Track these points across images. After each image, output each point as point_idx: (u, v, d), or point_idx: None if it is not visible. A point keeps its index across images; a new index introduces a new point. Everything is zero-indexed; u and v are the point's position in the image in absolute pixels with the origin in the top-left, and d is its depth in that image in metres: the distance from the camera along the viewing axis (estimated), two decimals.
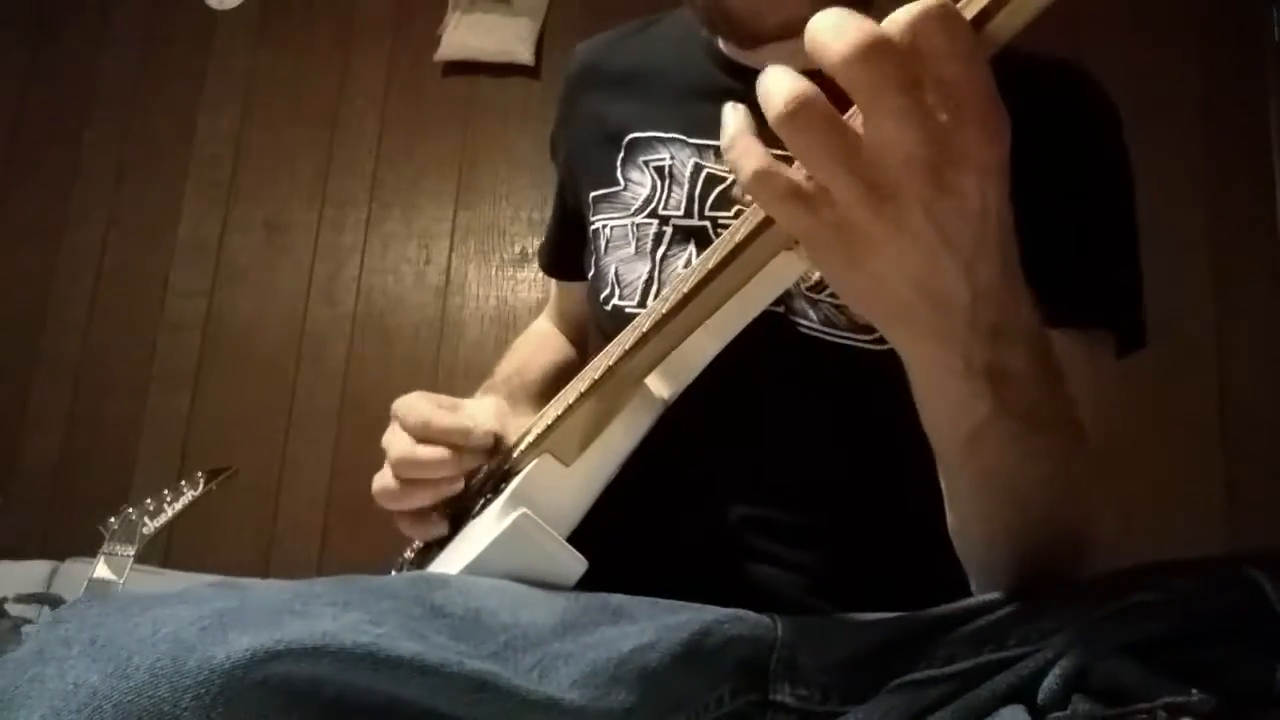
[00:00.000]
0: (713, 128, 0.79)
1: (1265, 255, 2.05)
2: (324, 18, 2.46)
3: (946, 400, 0.47)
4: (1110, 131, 0.75)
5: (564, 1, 2.37)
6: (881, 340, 0.67)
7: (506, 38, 2.34)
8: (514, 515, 0.57)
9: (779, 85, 0.38)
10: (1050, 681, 0.38)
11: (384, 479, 0.70)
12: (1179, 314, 2.00)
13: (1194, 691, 0.35)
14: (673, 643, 0.51)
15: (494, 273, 2.31)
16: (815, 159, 0.38)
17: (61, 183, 2.45)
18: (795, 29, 0.73)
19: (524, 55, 2.33)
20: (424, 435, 0.69)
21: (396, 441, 0.70)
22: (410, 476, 0.69)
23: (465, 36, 2.36)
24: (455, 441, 0.68)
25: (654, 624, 0.52)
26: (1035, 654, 0.41)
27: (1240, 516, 1.94)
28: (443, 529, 0.70)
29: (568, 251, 0.91)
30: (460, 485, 0.69)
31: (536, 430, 0.65)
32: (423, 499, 0.69)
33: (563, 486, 0.60)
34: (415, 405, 0.71)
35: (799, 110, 0.37)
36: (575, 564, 0.57)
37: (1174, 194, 2.02)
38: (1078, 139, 0.71)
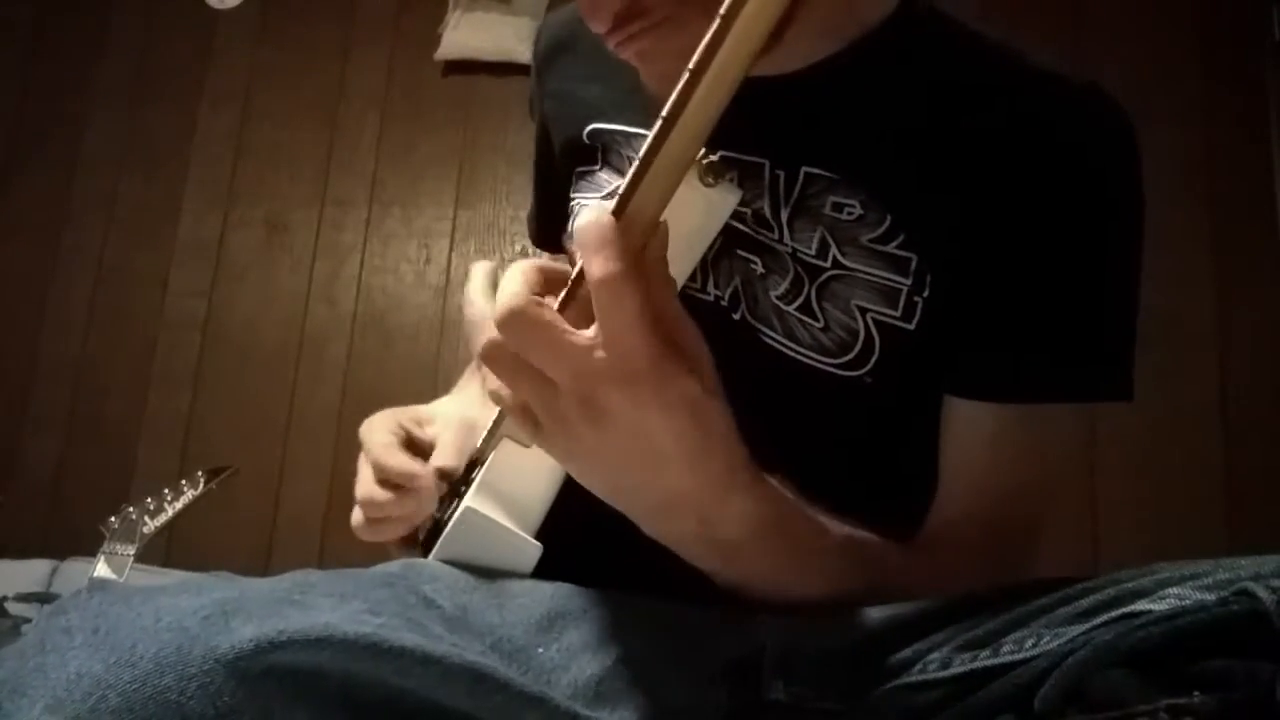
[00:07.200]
0: None
1: (1265, 255, 2.05)
2: (324, 17, 2.46)
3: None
4: (1097, 194, 0.66)
5: (564, 1, 2.36)
6: (848, 367, 0.65)
7: (506, 37, 2.34)
8: (459, 511, 0.58)
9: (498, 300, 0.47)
10: (1047, 691, 0.38)
11: (356, 516, 0.71)
12: (1179, 313, 1.99)
13: (1196, 694, 0.35)
14: (661, 647, 0.51)
15: None
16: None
17: (61, 182, 2.45)
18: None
19: (524, 55, 2.32)
20: (379, 476, 0.69)
21: (361, 479, 0.71)
22: (372, 516, 0.69)
23: (465, 36, 2.36)
24: (404, 485, 0.68)
25: (637, 627, 0.52)
26: (1031, 662, 0.41)
27: (1240, 516, 1.93)
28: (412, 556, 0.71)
29: (553, 223, 0.88)
30: (425, 514, 0.69)
31: (493, 417, 0.64)
32: (392, 534, 0.70)
33: (526, 468, 0.59)
34: (374, 438, 0.71)
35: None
36: (530, 549, 0.58)
37: (1174, 194, 2.02)
38: (1061, 202, 0.64)
